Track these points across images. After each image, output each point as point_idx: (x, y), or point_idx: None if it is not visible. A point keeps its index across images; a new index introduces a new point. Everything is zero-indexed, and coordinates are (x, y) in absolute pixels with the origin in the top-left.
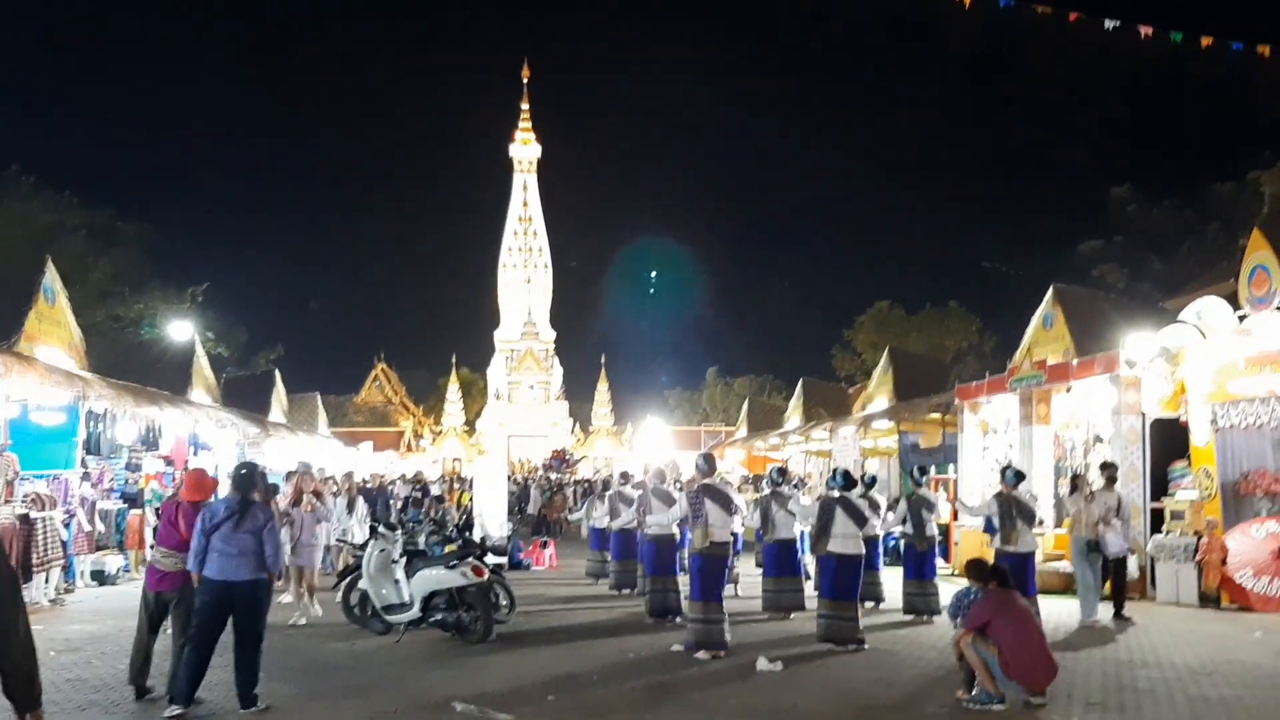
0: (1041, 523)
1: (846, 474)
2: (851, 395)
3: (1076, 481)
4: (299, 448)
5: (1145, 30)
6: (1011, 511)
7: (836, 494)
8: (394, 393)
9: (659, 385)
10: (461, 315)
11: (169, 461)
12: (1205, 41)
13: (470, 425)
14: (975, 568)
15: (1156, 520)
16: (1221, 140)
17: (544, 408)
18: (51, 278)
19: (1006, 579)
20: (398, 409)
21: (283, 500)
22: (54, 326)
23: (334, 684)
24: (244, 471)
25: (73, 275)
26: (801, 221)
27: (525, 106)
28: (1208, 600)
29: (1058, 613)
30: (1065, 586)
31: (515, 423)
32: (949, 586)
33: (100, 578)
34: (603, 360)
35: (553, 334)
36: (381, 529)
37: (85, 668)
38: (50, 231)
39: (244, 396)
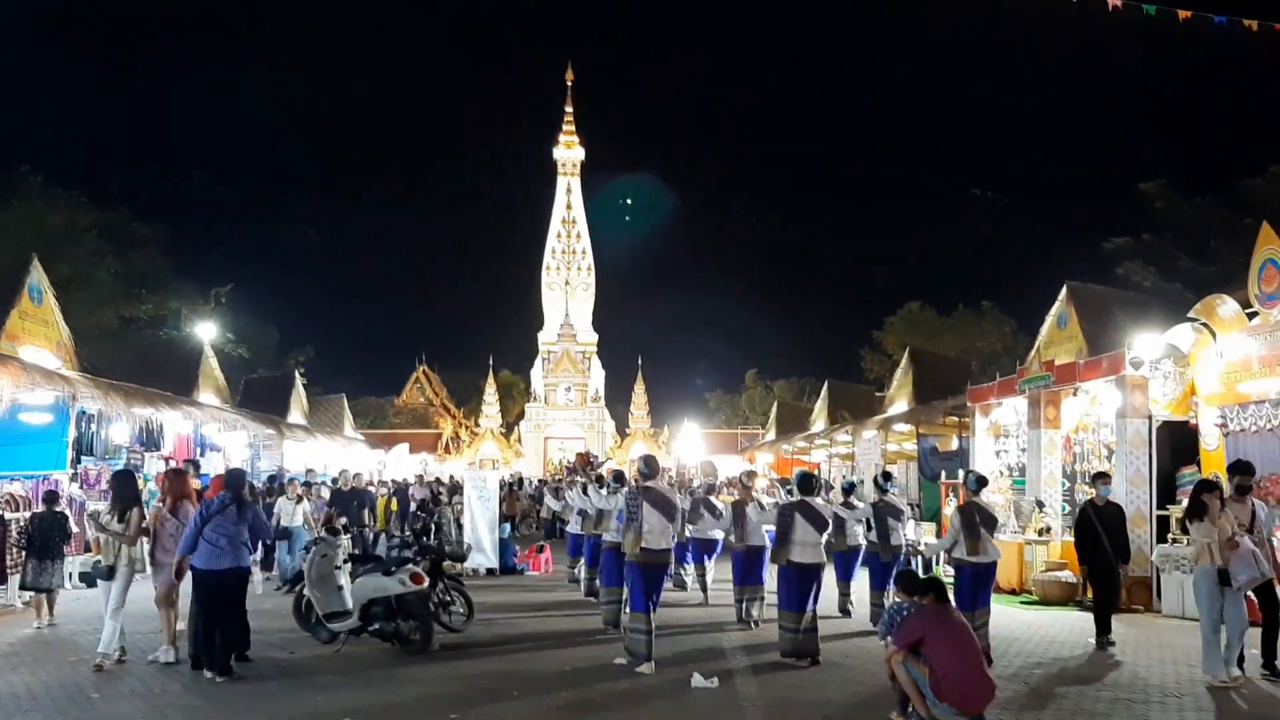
0: (1049, 530)
1: (808, 477)
2: (879, 397)
3: (1208, 495)
4: (318, 449)
5: (1114, 2)
6: (974, 520)
7: (796, 499)
8: (435, 395)
9: (698, 388)
10: (508, 317)
11: (173, 461)
12: (1183, 14)
13: (510, 428)
14: (906, 581)
15: (1163, 529)
16: (1252, 132)
17: (580, 410)
18: (39, 277)
19: (943, 592)
20: (438, 411)
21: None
22: (40, 326)
23: (237, 695)
24: (235, 473)
25: (81, 276)
26: (842, 221)
27: (569, 110)
28: None
29: (1058, 626)
30: (1067, 597)
31: (552, 425)
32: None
33: (90, 579)
34: (640, 362)
35: (594, 336)
36: (323, 534)
37: (4, 675)
38: (62, 232)
39: (264, 398)
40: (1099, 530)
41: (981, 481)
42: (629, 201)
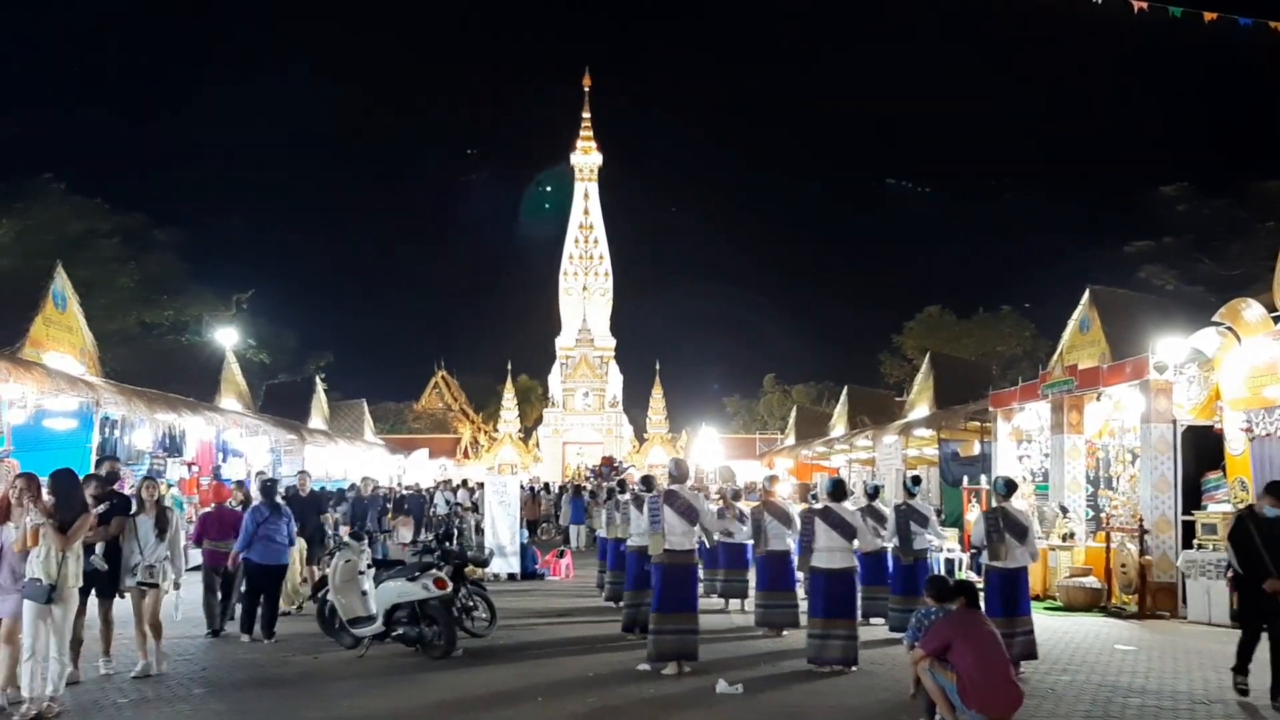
0: (1073, 535)
1: (837, 483)
2: (899, 402)
3: None
4: (339, 454)
5: (1140, 4)
6: (999, 525)
7: (818, 505)
8: (453, 400)
9: (716, 393)
10: (526, 322)
11: (195, 468)
12: (1209, 16)
13: (528, 433)
14: (937, 586)
15: (1188, 534)
16: (1275, 134)
17: (598, 415)
18: (62, 283)
19: (974, 597)
20: (457, 416)
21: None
22: (64, 332)
23: (262, 700)
24: (268, 482)
25: (102, 282)
26: (861, 224)
27: (586, 115)
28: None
29: (1083, 632)
30: (1092, 603)
31: (570, 430)
32: None
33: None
34: (658, 367)
35: (611, 341)
36: (347, 538)
37: None
38: (82, 238)
39: (285, 403)
40: (1260, 548)
41: (1010, 486)
42: (646, 206)
